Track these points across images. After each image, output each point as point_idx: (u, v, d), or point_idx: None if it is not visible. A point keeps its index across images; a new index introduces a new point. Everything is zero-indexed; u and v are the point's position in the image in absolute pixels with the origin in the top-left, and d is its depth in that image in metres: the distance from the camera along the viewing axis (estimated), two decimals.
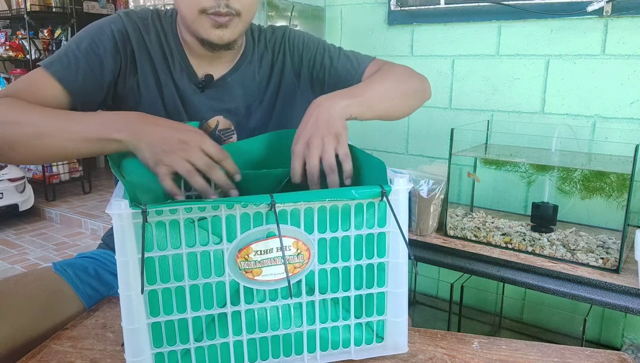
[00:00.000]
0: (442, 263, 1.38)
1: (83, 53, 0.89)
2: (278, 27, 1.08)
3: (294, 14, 1.91)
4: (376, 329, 0.76)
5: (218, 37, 0.89)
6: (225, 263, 0.67)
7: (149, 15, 0.97)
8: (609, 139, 1.52)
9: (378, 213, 0.71)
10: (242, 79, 1.01)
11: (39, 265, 2.82)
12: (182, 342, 0.68)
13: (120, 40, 0.93)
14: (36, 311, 0.84)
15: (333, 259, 0.71)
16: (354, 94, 0.86)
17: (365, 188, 0.69)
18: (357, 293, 0.74)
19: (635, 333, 1.56)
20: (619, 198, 1.28)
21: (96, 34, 0.92)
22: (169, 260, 0.65)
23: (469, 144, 1.52)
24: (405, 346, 0.77)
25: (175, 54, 0.97)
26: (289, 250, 0.68)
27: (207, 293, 0.67)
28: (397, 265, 0.73)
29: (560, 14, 1.53)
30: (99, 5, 4.33)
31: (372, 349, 0.77)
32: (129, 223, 0.62)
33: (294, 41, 1.06)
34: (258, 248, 0.67)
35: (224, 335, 0.70)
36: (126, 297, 0.64)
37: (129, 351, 0.66)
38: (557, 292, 1.21)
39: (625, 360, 0.77)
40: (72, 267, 0.95)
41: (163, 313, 0.66)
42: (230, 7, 0.86)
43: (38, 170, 3.93)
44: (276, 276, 0.68)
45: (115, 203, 0.61)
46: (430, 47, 1.81)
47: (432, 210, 1.44)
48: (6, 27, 4.51)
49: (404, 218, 0.72)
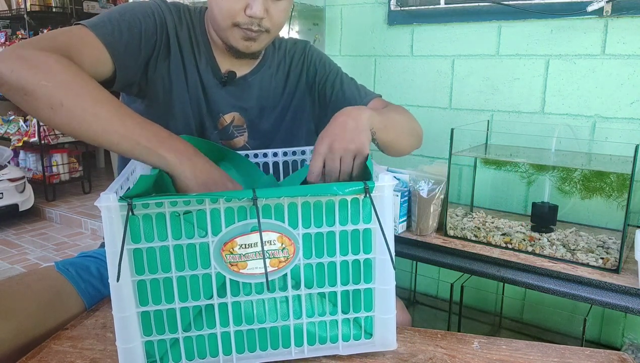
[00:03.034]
0: (442, 263, 1.38)
1: (127, 25, 0.90)
2: (300, 40, 1.15)
3: (294, 13, 1.91)
4: (364, 325, 0.77)
5: (246, 47, 0.95)
6: (211, 256, 0.68)
7: (181, 8, 1.01)
8: (609, 139, 1.52)
9: (363, 210, 0.71)
10: (260, 81, 1.07)
11: (39, 265, 2.82)
12: (171, 331, 0.70)
13: (159, 23, 0.96)
14: (39, 311, 0.84)
15: (318, 254, 0.72)
16: (376, 111, 0.89)
17: (348, 184, 0.69)
18: (343, 288, 0.74)
19: (635, 333, 1.56)
20: (619, 198, 1.28)
21: (139, 10, 0.93)
22: (156, 252, 0.67)
23: (469, 144, 1.52)
24: (394, 343, 0.77)
25: (202, 48, 1.01)
26: (274, 245, 0.69)
27: (193, 284, 0.69)
28: (384, 261, 0.73)
29: (560, 14, 1.53)
30: (99, 5, 4.32)
31: (360, 345, 0.77)
32: (117, 216, 0.64)
33: (312, 57, 1.12)
34: (242, 242, 0.68)
35: (212, 326, 0.72)
36: (116, 286, 0.66)
37: (120, 338, 0.68)
38: (557, 292, 1.21)
39: (626, 360, 0.77)
40: (75, 267, 0.95)
41: (152, 303, 0.69)
42: (262, 26, 0.92)
43: (38, 170, 3.93)
44: (261, 269, 0.70)
45: (104, 196, 0.64)
46: (430, 47, 1.81)
47: (432, 210, 1.44)
48: (6, 27, 4.51)
49: (389, 215, 0.72)
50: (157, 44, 0.96)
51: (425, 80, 1.84)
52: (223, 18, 0.91)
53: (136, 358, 0.69)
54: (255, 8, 0.89)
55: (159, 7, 0.97)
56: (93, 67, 0.83)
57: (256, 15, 0.89)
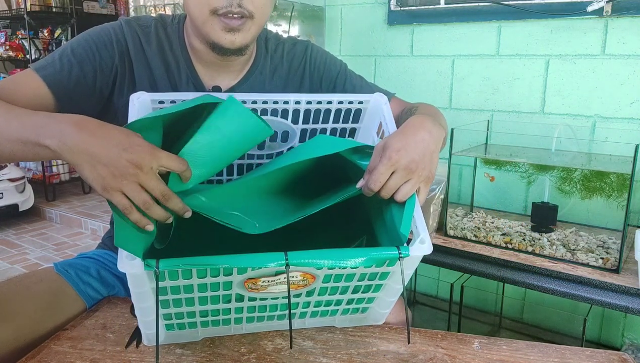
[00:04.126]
0: (442, 263, 1.38)
1: (77, 59, 0.86)
2: (299, 41, 1.04)
3: (294, 13, 1.91)
4: (361, 310, 0.85)
5: (229, 41, 0.84)
6: (234, 285, 0.70)
7: (152, 24, 0.94)
8: (609, 139, 1.52)
9: (390, 262, 0.72)
10: (251, 91, 0.97)
11: (39, 265, 2.82)
12: (190, 326, 0.77)
13: (118, 51, 0.89)
14: (38, 312, 0.84)
15: (336, 281, 0.74)
16: (440, 125, 0.79)
17: (382, 251, 0.69)
18: (352, 296, 0.78)
19: (635, 333, 1.56)
20: (619, 198, 1.28)
21: (94, 41, 0.89)
22: (180, 287, 0.68)
23: (469, 143, 1.52)
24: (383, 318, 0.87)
25: (182, 63, 0.93)
26: (296, 278, 0.70)
27: (213, 299, 0.72)
28: (396, 289, 0.79)
29: (560, 14, 1.53)
30: (99, 5, 4.32)
31: (353, 319, 0.86)
32: (143, 278, 0.64)
33: (315, 60, 1.02)
34: (266, 279, 0.69)
35: (226, 313, 0.77)
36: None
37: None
38: (557, 292, 1.21)
39: (626, 360, 0.77)
40: (74, 268, 0.95)
41: (173, 306, 0.71)
42: (243, 8, 0.82)
43: (38, 170, 3.93)
44: (279, 289, 0.71)
45: (128, 263, 0.62)
46: (430, 47, 1.81)
47: (432, 210, 1.44)
48: (6, 27, 4.50)
49: (410, 273, 0.74)
50: (119, 72, 0.90)
51: (425, 80, 1.84)
52: (198, 6, 0.82)
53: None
54: None
55: (121, 32, 0.90)
56: (30, 103, 0.80)
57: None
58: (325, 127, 0.92)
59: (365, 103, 0.91)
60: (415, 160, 0.71)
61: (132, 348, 0.78)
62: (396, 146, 0.71)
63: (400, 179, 0.71)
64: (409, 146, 0.71)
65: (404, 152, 0.70)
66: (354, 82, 1.03)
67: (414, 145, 0.72)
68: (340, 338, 0.82)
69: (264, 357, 0.76)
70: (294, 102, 0.86)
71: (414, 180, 0.71)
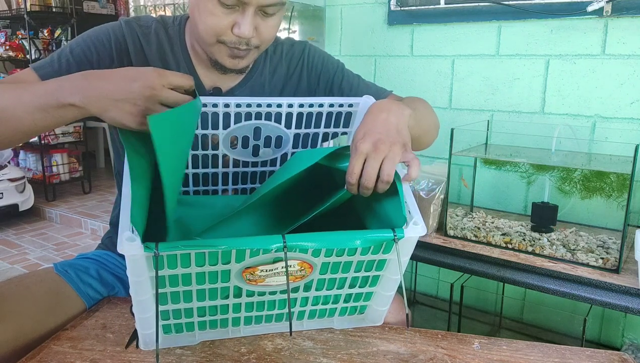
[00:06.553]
0: (442, 263, 1.38)
1: (76, 59, 0.87)
2: (297, 41, 1.05)
3: (294, 13, 1.91)
4: (359, 310, 0.85)
5: (233, 64, 0.87)
6: (232, 276, 0.70)
7: (153, 24, 0.94)
8: (609, 139, 1.52)
9: (386, 247, 0.73)
10: (251, 92, 0.98)
11: (39, 265, 2.82)
12: (188, 328, 0.77)
13: (117, 51, 0.90)
14: (38, 313, 0.84)
15: (333, 271, 0.75)
16: (408, 105, 0.81)
17: (377, 233, 0.69)
18: (349, 291, 0.80)
19: (635, 333, 1.56)
20: (619, 198, 1.28)
21: (93, 41, 0.89)
22: (179, 276, 0.68)
23: (469, 143, 1.52)
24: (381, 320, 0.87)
25: (182, 64, 0.93)
26: (293, 267, 0.71)
27: (212, 293, 0.72)
28: (393, 279, 0.79)
29: (560, 14, 1.53)
30: (99, 5, 4.32)
31: (352, 320, 0.86)
32: (142, 260, 0.64)
33: (313, 59, 1.03)
34: (264, 267, 0.70)
35: (224, 312, 0.77)
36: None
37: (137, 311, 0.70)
38: (557, 292, 1.21)
39: (626, 360, 0.77)
40: (74, 268, 0.95)
41: (171, 302, 0.72)
42: (251, 45, 0.85)
43: (38, 170, 3.93)
44: (277, 282, 0.72)
45: (128, 244, 0.61)
46: (430, 47, 1.81)
47: (432, 210, 1.44)
48: (6, 27, 4.50)
49: (408, 255, 0.75)
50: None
51: (425, 80, 1.84)
52: (208, 35, 0.83)
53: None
54: (244, 28, 0.81)
55: (121, 32, 0.90)
56: None
57: (244, 35, 0.82)
58: (317, 132, 0.93)
59: (355, 106, 0.91)
60: (381, 139, 0.71)
61: (132, 348, 0.78)
62: (359, 135, 0.73)
63: (374, 162, 0.71)
64: (370, 130, 0.73)
65: (368, 136, 0.72)
66: (350, 81, 1.03)
67: (374, 127, 0.73)
68: (340, 338, 0.82)
69: (264, 357, 0.76)
70: (287, 105, 0.87)
71: (389, 156, 0.71)
